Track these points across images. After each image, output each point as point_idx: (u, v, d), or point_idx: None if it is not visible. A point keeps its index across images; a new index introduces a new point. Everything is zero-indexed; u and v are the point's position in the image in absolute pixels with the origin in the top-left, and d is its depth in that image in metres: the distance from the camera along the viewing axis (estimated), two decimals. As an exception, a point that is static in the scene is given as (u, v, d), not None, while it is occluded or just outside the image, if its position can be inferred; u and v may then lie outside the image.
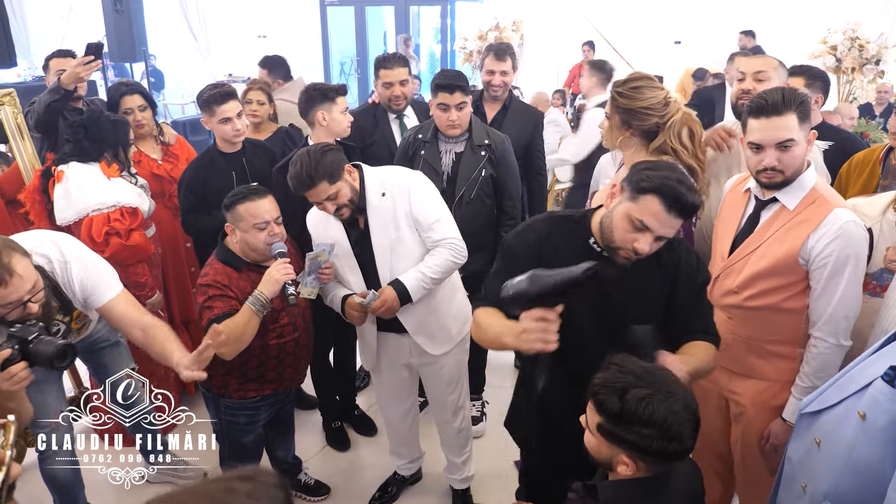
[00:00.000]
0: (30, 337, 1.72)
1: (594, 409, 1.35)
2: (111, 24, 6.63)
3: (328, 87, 2.75)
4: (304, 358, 2.44)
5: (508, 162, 2.90)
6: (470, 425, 2.69)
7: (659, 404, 1.26)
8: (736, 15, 8.00)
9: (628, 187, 1.59)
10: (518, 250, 1.74)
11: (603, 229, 1.67)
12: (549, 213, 1.85)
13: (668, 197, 1.52)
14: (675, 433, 1.27)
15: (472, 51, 7.29)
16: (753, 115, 1.78)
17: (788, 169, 1.79)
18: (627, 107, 2.14)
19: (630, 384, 1.30)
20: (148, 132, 3.16)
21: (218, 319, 2.11)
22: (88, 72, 2.86)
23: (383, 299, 2.24)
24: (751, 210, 1.95)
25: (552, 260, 1.70)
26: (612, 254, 1.66)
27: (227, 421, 2.36)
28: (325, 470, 3.02)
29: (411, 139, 2.92)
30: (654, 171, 1.56)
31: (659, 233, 1.57)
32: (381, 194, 2.26)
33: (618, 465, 1.36)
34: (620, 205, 1.61)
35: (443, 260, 2.26)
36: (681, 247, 1.75)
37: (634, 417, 1.27)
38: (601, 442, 1.36)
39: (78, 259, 2.08)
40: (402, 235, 2.26)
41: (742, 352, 1.98)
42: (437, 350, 2.41)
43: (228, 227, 2.23)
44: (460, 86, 2.70)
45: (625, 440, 1.30)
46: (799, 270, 1.83)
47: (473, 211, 2.82)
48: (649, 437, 1.27)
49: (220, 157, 2.91)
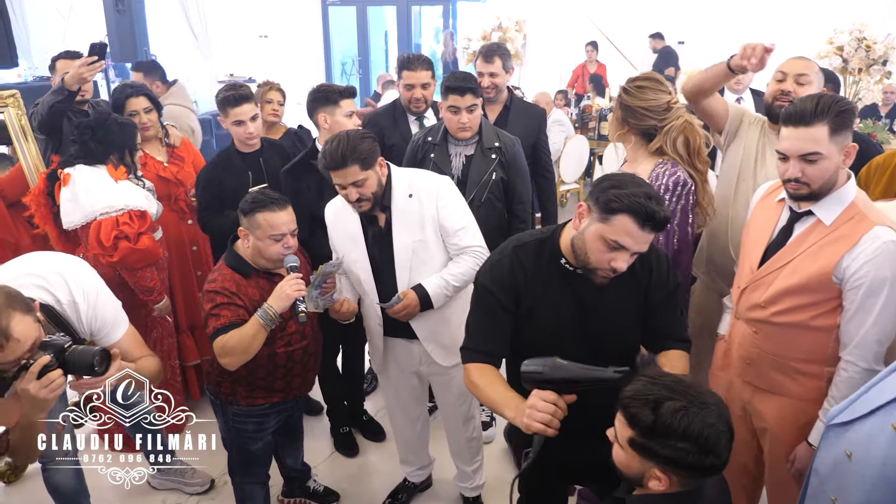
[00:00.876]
0: (65, 345, 1.71)
1: (625, 423, 1.31)
2: (112, 23, 6.59)
3: (332, 90, 2.70)
4: (313, 366, 2.40)
5: (519, 164, 2.86)
6: (481, 434, 2.66)
7: (694, 416, 1.23)
8: (740, 15, 7.97)
9: (596, 207, 1.57)
10: (495, 290, 1.75)
11: (575, 250, 1.66)
12: (511, 240, 1.83)
13: (640, 215, 1.51)
14: (711, 446, 1.23)
15: (475, 51, 7.27)
16: (783, 121, 1.73)
17: (814, 182, 1.73)
18: (627, 104, 2.18)
19: (663, 396, 1.26)
20: (153, 134, 3.12)
21: (224, 329, 2.07)
22: (92, 72, 2.83)
23: (406, 303, 2.21)
24: (784, 221, 1.88)
25: (527, 287, 1.73)
26: (588, 274, 1.66)
27: (236, 428, 2.32)
28: (334, 476, 2.98)
29: (420, 142, 2.87)
30: (622, 190, 1.54)
31: (634, 250, 1.57)
32: (409, 195, 2.23)
33: (649, 480, 1.32)
34: (591, 226, 1.59)
35: (466, 268, 2.23)
36: (651, 255, 1.73)
37: (669, 430, 1.24)
38: (632, 457, 1.32)
39: (87, 297, 2.00)
40: (425, 239, 2.23)
41: (767, 368, 1.92)
42: (447, 361, 2.38)
43: (242, 232, 2.19)
44: (471, 88, 2.66)
45: (659, 454, 1.26)
46: (832, 289, 1.76)
47: (484, 215, 2.77)
48: (685, 450, 1.23)
49: (238, 156, 2.91)
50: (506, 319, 1.76)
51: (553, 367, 1.52)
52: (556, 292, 1.73)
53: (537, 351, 1.58)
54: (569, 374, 1.51)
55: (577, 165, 6.09)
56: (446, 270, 2.24)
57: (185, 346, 3.29)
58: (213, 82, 10.33)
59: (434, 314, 2.29)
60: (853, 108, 1.73)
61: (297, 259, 2.18)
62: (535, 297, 1.74)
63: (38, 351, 1.67)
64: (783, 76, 2.31)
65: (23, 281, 1.92)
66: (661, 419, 1.24)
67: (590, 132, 6.47)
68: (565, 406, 1.51)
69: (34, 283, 1.93)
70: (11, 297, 1.65)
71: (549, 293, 1.74)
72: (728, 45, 8.58)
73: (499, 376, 1.73)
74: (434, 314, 2.29)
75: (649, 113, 2.15)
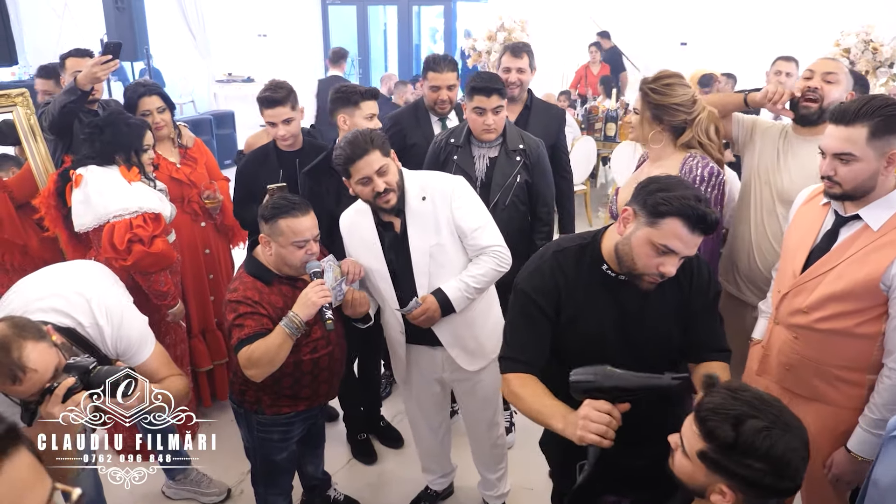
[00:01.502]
0: (90, 367, 1.65)
1: (700, 436, 1.26)
2: (112, 22, 6.49)
3: (353, 91, 2.65)
4: (338, 372, 2.34)
5: (543, 167, 2.81)
6: (505, 441, 2.60)
7: (778, 439, 1.18)
8: (745, 17, 7.95)
9: (643, 212, 1.53)
10: (536, 297, 1.69)
11: (620, 256, 1.61)
12: (550, 245, 1.80)
13: (692, 218, 1.47)
14: (791, 471, 1.19)
15: (481, 51, 7.21)
16: (829, 117, 1.72)
17: (846, 183, 1.71)
18: (660, 103, 2.20)
19: (745, 413, 1.21)
20: (166, 135, 3.04)
21: (249, 339, 2.01)
22: (106, 72, 2.75)
23: (424, 307, 2.16)
24: (829, 225, 1.84)
25: (568, 293, 1.68)
26: (634, 280, 1.62)
27: (260, 438, 2.26)
28: (353, 484, 2.92)
29: (443, 143, 2.82)
30: (670, 192, 1.49)
31: (684, 254, 1.53)
32: (422, 198, 2.17)
33: (712, 494, 1.27)
34: (638, 231, 1.55)
35: (487, 269, 2.17)
36: (692, 261, 1.68)
37: (750, 450, 1.18)
38: (699, 469, 1.27)
39: (111, 319, 1.94)
40: (442, 242, 2.17)
41: (806, 374, 1.88)
42: (472, 366, 2.32)
43: (263, 239, 2.12)
44: (497, 88, 2.61)
45: (732, 472, 1.21)
46: (878, 296, 1.72)
47: (508, 217, 2.72)
48: (761, 471, 1.18)
49: (275, 152, 2.89)
50: (546, 327, 1.71)
51: (605, 376, 1.47)
52: (597, 299, 1.69)
53: (579, 359, 1.53)
54: (623, 383, 1.46)
55: (585, 166, 6.05)
56: (466, 273, 2.18)
57: (197, 351, 3.22)
58: (212, 82, 10.25)
59: (457, 318, 2.24)
60: None
61: (320, 265, 2.12)
62: (576, 303, 1.69)
63: (61, 374, 1.60)
64: (811, 74, 2.29)
65: (42, 304, 1.87)
66: (742, 437, 1.19)
67: (596, 133, 6.43)
68: (619, 416, 1.46)
69: (53, 307, 1.87)
70: (20, 326, 1.59)
71: (590, 300, 1.69)
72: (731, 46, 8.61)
73: (541, 386, 1.67)
74: (457, 318, 2.24)
75: (682, 108, 2.19)
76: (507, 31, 6.97)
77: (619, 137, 6.37)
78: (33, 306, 1.87)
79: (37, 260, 3.04)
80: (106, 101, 3.23)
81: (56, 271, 2.11)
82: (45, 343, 1.61)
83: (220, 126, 8.11)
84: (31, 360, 1.55)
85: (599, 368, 1.47)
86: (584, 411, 1.45)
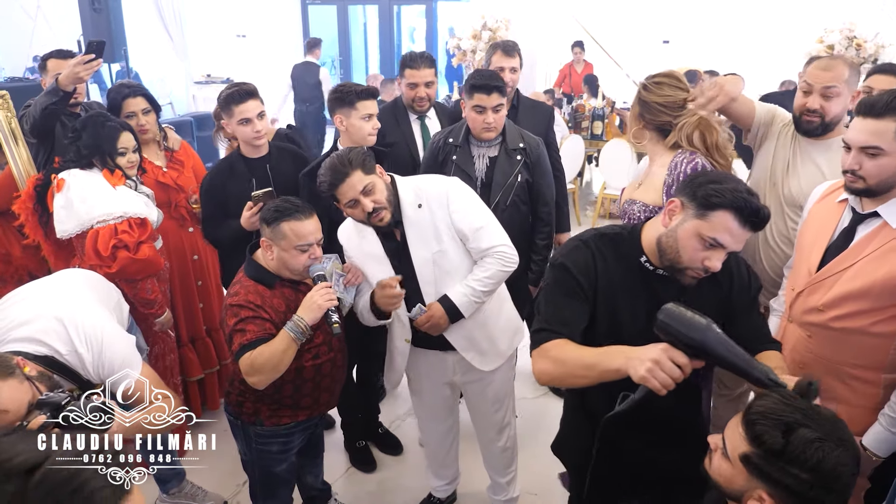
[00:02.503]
0: (62, 402, 1.56)
1: (746, 439, 1.21)
2: (88, 23, 6.33)
3: (350, 90, 2.55)
4: (340, 379, 2.27)
5: (544, 166, 2.77)
6: (515, 444, 2.55)
7: (829, 451, 1.13)
8: (727, 14, 8.00)
9: (692, 203, 1.47)
10: (576, 272, 1.62)
11: (663, 249, 1.55)
12: (593, 230, 1.73)
13: (744, 211, 1.42)
14: (840, 486, 1.14)
15: (466, 50, 7.16)
16: (856, 110, 1.67)
17: (871, 178, 1.66)
18: (645, 99, 2.20)
19: (798, 422, 1.16)
20: (151, 137, 2.93)
21: (252, 345, 1.93)
22: (89, 72, 2.64)
23: (429, 315, 2.10)
24: (846, 223, 1.80)
25: (605, 280, 1.61)
26: (676, 274, 1.56)
27: (259, 450, 2.18)
28: (353, 494, 2.85)
29: (441, 143, 2.76)
30: (722, 185, 1.44)
31: (731, 248, 1.48)
32: (418, 206, 2.11)
33: (749, 500, 1.23)
34: (686, 223, 1.49)
35: (494, 271, 2.11)
36: (731, 260, 1.63)
37: (798, 459, 1.14)
38: (740, 472, 1.22)
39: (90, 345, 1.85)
40: (444, 248, 2.11)
41: (820, 373, 1.83)
42: (487, 366, 2.26)
43: (264, 243, 2.04)
44: (497, 86, 2.56)
45: (776, 480, 1.17)
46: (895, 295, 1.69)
47: (509, 217, 2.67)
48: (808, 483, 1.14)
49: (242, 162, 2.70)
50: (584, 305, 1.61)
51: (707, 329, 1.29)
52: (633, 291, 1.62)
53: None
54: (720, 349, 1.29)
55: (573, 165, 6.03)
56: (472, 277, 2.12)
57: (188, 360, 3.12)
58: (190, 83, 10.07)
59: (468, 322, 2.18)
60: None
61: (323, 268, 2.04)
62: (612, 292, 1.62)
63: (34, 412, 1.51)
64: (809, 88, 2.19)
65: (17, 334, 1.77)
66: (791, 446, 1.14)
67: (583, 132, 6.41)
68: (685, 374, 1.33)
69: (28, 336, 1.77)
70: None
71: (625, 291, 1.62)
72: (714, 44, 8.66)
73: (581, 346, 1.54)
74: (468, 322, 2.18)
75: (665, 109, 2.17)
76: (491, 30, 6.92)
77: (605, 136, 6.36)
78: (8, 336, 1.77)
79: (20, 269, 2.93)
80: (88, 104, 3.12)
81: (34, 292, 1.99)
82: (14, 380, 1.52)
83: (200, 128, 7.95)
84: (1, 401, 1.47)
85: (709, 321, 1.31)
86: (657, 355, 1.31)
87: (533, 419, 3.34)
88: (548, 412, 3.44)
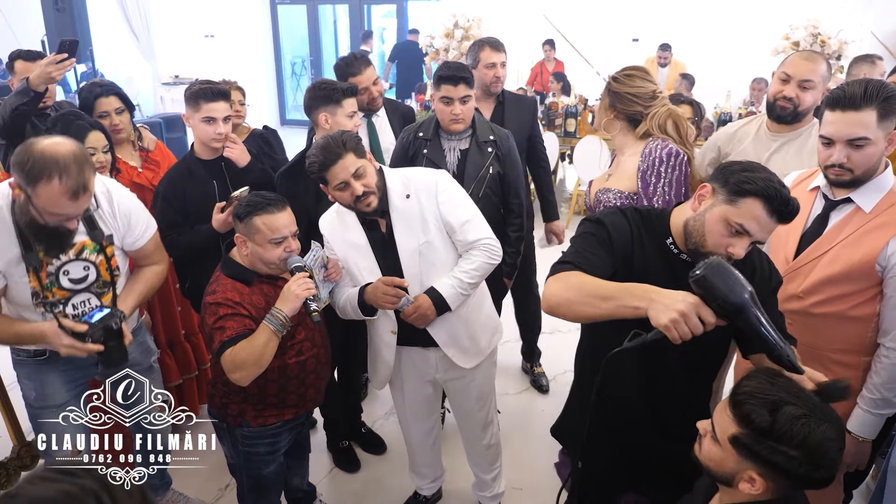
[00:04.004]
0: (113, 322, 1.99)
1: (734, 420, 1.24)
2: (52, 22, 6.22)
3: (334, 88, 2.52)
4: (325, 375, 2.25)
5: (514, 158, 2.80)
6: (499, 440, 2.55)
7: (815, 426, 1.16)
8: (695, 12, 8.12)
9: (723, 189, 1.47)
10: (609, 227, 1.60)
11: (689, 232, 1.54)
12: (629, 206, 1.74)
13: (774, 201, 1.41)
14: (828, 461, 1.17)
15: (438, 49, 7.16)
16: (830, 106, 1.69)
17: (858, 168, 1.71)
18: (616, 90, 2.25)
19: (783, 399, 1.19)
20: (125, 137, 2.87)
21: (232, 341, 1.90)
22: (61, 71, 2.57)
23: (416, 305, 2.09)
24: (819, 210, 1.86)
25: (636, 252, 1.61)
26: (698, 259, 1.51)
27: (245, 452, 2.15)
28: (337, 494, 2.83)
29: (411, 138, 2.75)
30: (754, 173, 1.44)
31: (757, 237, 1.46)
32: (406, 196, 2.10)
33: (740, 482, 1.25)
34: (715, 208, 1.48)
35: (479, 263, 2.12)
36: (753, 254, 1.64)
37: (786, 436, 1.17)
38: (730, 454, 1.25)
39: (119, 193, 2.15)
40: (431, 240, 2.10)
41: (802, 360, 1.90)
42: (468, 363, 2.27)
43: (238, 239, 2.02)
44: (464, 77, 2.57)
45: (766, 458, 1.19)
46: (872, 277, 1.74)
47: (483, 210, 2.62)
48: (797, 459, 1.17)
49: (199, 164, 2.60)
50: (610, 258, 1.57)
51: (748, 293, 1.25)
52: (655, 270, 1.60)
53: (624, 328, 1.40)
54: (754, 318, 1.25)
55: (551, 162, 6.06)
56: (458, 269, 2.12)
57: (166, 366, 3.05)
58: (158, 84, 9.90)
59: (451, 317, 2.18)
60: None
61: (301, 260, 2.03)
62: (643, 263, 1.60)
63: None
64: (787, 78, 2.26)
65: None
66: (778, 423, 1.17)
67: (556, 129, 6.45)
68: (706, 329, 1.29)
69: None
70: (87, 156, 1.86)
71: (649, 269, 1.59)
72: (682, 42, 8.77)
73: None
74: (451, 317, 2.18)
75: (637, 99, 2.23)
76: (463, 29, 6.93)
77: (578, 133, 6.41)
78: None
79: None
80: (59, 103, 3.04)
81: None
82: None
83: (169, 130, 7.84)
84: (90, 185, 1.82)
85: (750, 286, 1.26)
86: (686, 308, 1.25)
87: (515, 415, 3.36)
88: (530, 408, 3.46)
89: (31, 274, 1.98)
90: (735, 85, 6.62)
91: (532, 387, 3.62)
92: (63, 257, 2.01)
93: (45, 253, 1.96)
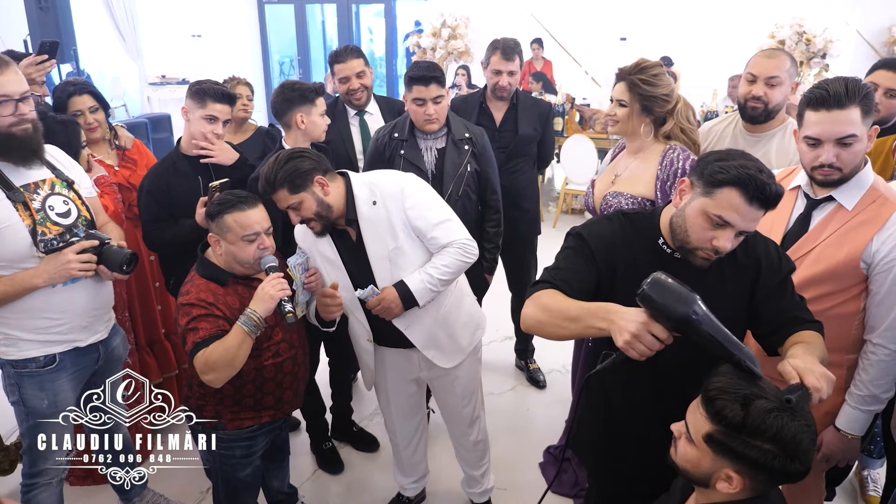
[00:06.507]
0: (105, 240, 2.03)
1: (706, 417, 1.21)
2: (35, 22, 6.11)
3: (306, 87, 2.50)
4: (303, 377, 2.22)
5: (489, 155, 2.80)
6: (487, 436, 2.53)
7: (788, 419, 1.15)
8: (683, 12, 8.13)
9: (700, 182, 1.44)
10: (589, 238, 1.58)
11: (674, 229, 1.51)
12: (617, 210, 1.70)
13: (749, 188, 1.36)
14: (801, 452, 1.15)
15: (426, 48, 7.13)
16: (812, 106, 1.66)
17: (847, 166, 1.68)
18: (651, 94, 2.17)
19: (754, 394, 1.17)
20: (101, 136, 2.83)
21: (205, 342, 1.87)
22: (42, 73, 2.56)
23: (381, 297, 2.05)
24: (801, 209, 1.83)
25: (621, 258, 1.57)
26: (687, 256, 1.51)
27: (221, 455, 2.11)
28: (320, 496, 2.80)
29: (386, 139, 2.71)
30: (728, 161, 1.40)
31: (741, 227, 1.42)
32: (372, 203, 2.06)
33: (717, 482, 1.23)
34: (693, 202, 1.45)
35: (451, 260, 2.06)
36: (758, 245, 1.60)
37: (759, 430, 1.15)
38: (705, 454, 1.22)
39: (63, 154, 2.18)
40: (400, 245, 2.07)
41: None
42: (448, 363, 2.24)
43: (212, 238, 1.99)
44: (436, 77, 2.54)
45: (740, 454, 1.17)
46: (857, 274, 1.72)
47: (462, 208, 2.68)
48: (771, 453, 1.15)
49: (184, 160, 2.56)
50: (590, 271, 1.55)
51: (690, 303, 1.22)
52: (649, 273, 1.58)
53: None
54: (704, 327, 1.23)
55: (536, 161, 6.06)
56: (430, 264, 2.08)
57: (146, 365, 3.03)
58: (144, 84, 9.83)
59: (428, 319, 2.15)
60: (873, 91, 1.70)
61: (275, 259, 2.00)
62: (626, 270, 1.56)
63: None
64: (753, 78, 2.30)
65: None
66: (751, 417, 1.15)
67: (544, 128, 6.44)
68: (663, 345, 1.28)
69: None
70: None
71: (640, 272, 1.50)
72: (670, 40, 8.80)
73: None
74: (428, 319, 2.15)
75: (669, 98, 2.20)
76: (451, 28, 6.91)
77: (566, 132, 6.41)
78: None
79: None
80: (35, 101, 2.98)
81: None
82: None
83: (156, 130, 7.77)
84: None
85: (695, 296, 1.23)
86: (637, 329, 1.25)
87: (501, 414, 3.34)
88: (516, 407, 3.44)
89: (21, 210, 1.93)
90: (721, 83, 6.64)
91: (528, 383, 3.64)
92: (41, 191, 1.99)
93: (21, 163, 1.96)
